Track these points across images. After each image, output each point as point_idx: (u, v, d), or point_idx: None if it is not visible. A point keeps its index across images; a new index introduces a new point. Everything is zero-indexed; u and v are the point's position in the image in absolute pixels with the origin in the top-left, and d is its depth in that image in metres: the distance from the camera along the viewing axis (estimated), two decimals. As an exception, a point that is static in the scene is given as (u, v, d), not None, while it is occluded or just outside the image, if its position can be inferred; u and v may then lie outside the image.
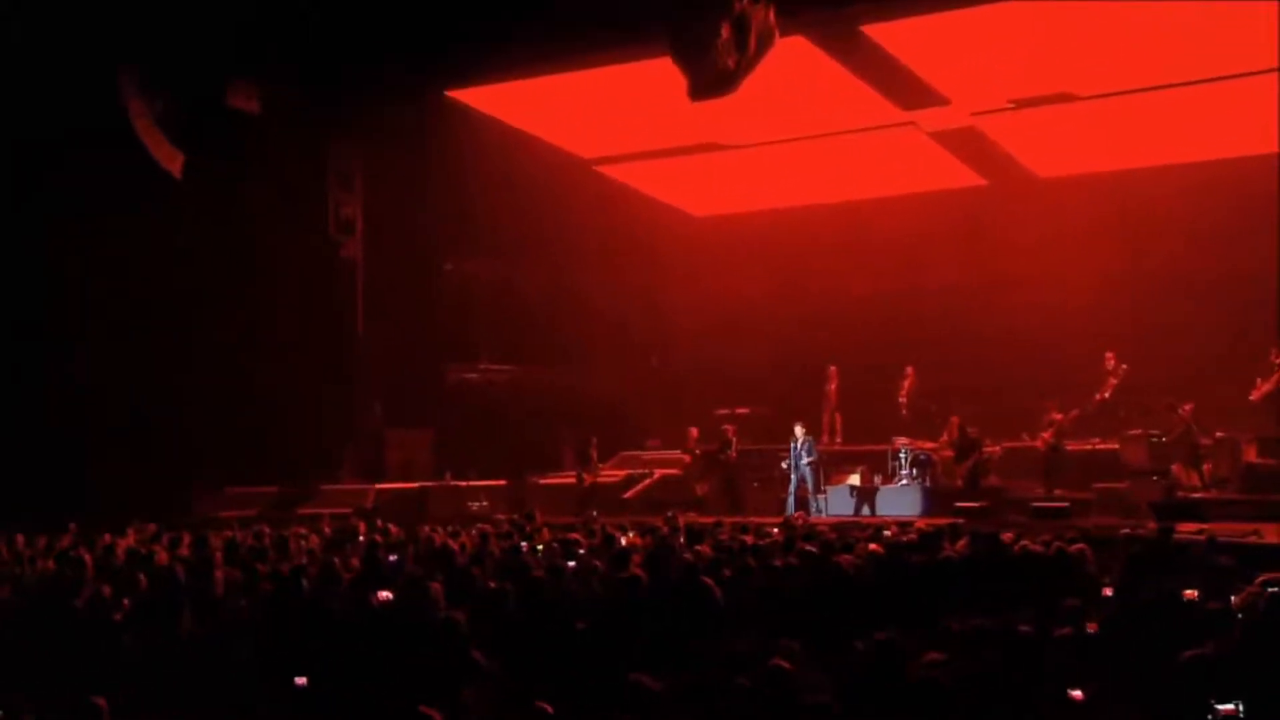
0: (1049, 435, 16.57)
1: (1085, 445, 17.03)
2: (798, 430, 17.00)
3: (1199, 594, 6.50)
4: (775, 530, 11.93)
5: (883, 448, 17.91)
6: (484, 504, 18.16)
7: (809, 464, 16.86)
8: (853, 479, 17.40)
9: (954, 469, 17.06)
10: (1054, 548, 8.97)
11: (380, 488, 18.83)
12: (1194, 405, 15.86)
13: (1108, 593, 6.95)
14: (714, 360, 22.59)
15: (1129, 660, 4.96)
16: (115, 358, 17.71)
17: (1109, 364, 17.34)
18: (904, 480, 17.08)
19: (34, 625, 7.27)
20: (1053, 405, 16.73)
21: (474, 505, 18.11)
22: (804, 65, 15.55)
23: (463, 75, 17.27)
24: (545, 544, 10.89)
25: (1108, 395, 17.24)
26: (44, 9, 14.39)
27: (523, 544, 10.76)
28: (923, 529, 10.89)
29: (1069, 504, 14.88)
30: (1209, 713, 4.16)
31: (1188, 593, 6.47)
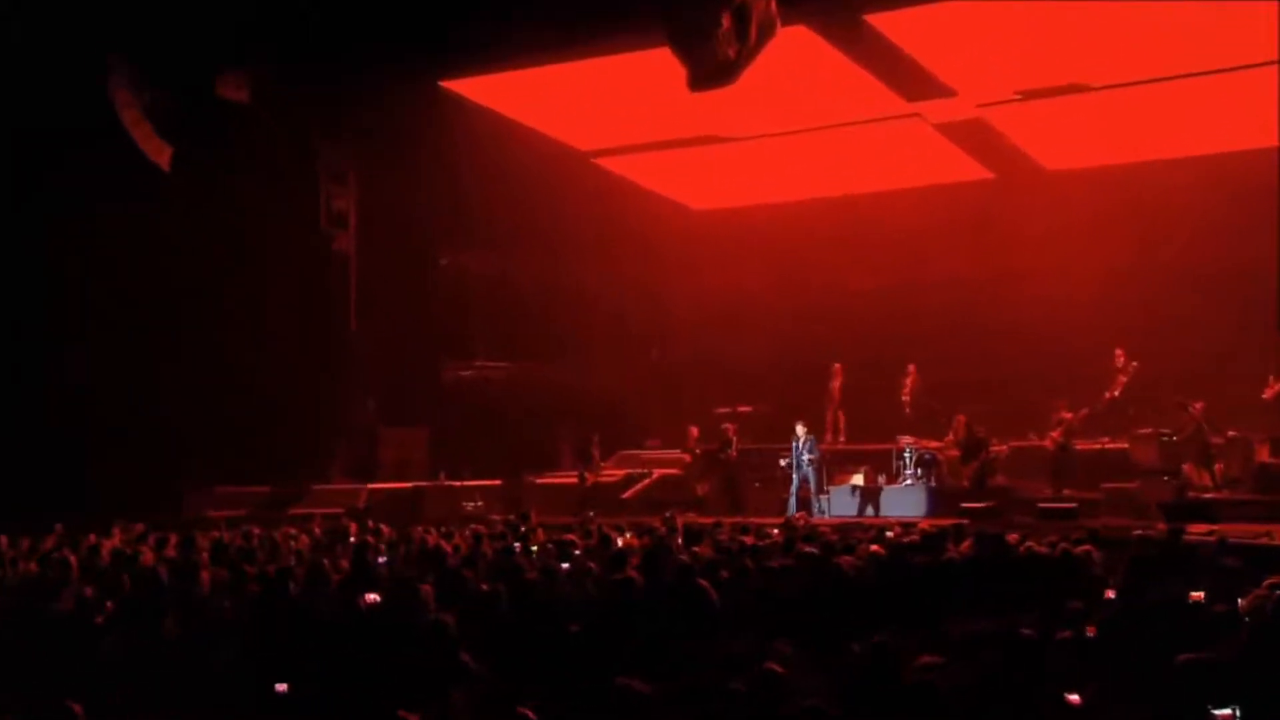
0: (1058, 434, 16.56)
1: (1094, 444, 17.02)
2: (799, 429, 16.98)
3: (1205, 596, 6.49)
4: (775, 531, 11.92)
5: (887, 447, 17.91)
6: (479, 504, 18.14)
7: (811, 463, 16.84)
8: (856, 479, 17.39)
9: (960, 469, 17.05)
10: (1060, 549, 8.97)
11: (373, 487, 18.83)
12: (1205, 404, 15.84)
13: (1110, 595, 6.93)
14: (714, 357, 22.58)
15: (1130, 663, 4.94)
16: (103, 356, 17.72)
17: (1119, 361, 17.31)
18: (909, 480, 17.07)
19: (13, 628, 7.26)
20: (1062, 404, 16.71)
21: (469, 505, 18.09)
22: (806, 55, 15.51)
23: (458, 65, 17.24)
24: (540, 545, 10.89)
25: (1118, 393, 17.22)
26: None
27: (515, 545, 10.75)
28: (926, 530, 10.88)
29: (1077, 504, 14.89)
30: (1205, 718, 4.15)
31: (1194, 595, 6.46)
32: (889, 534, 10.93)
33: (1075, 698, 4.65)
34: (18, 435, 16.70)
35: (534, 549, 10.64)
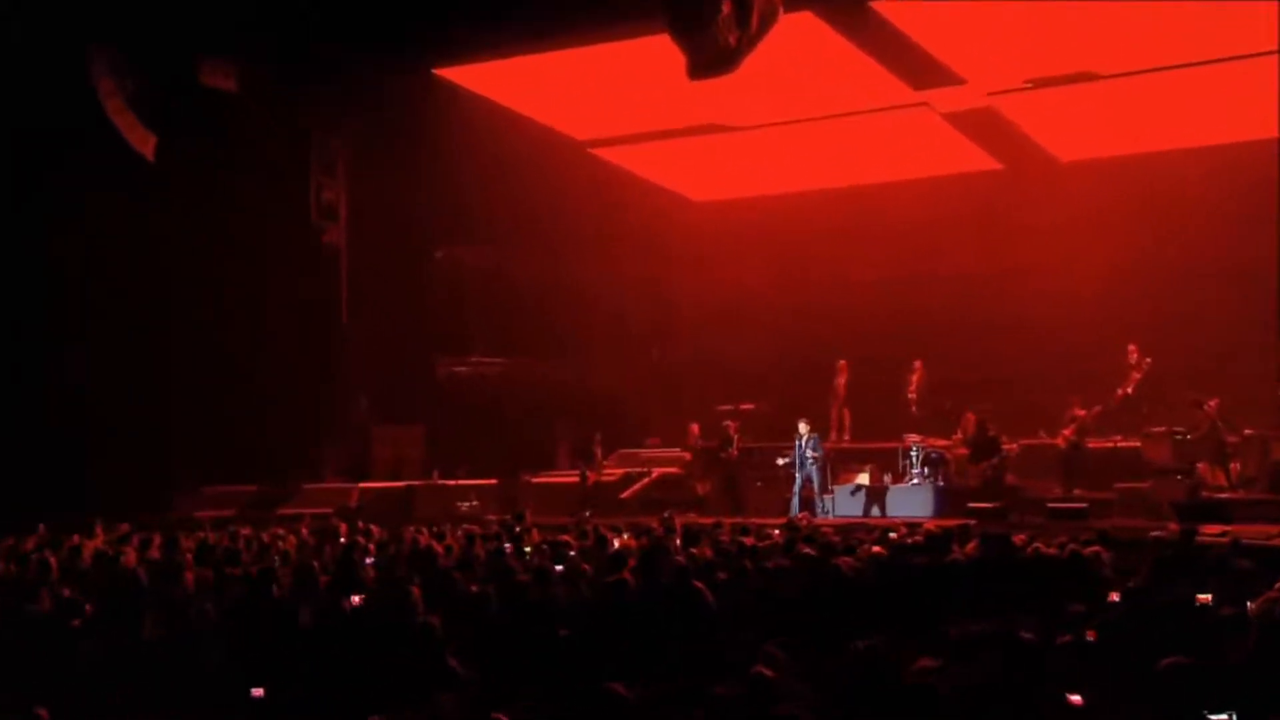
0: (1070, 432, 16.53)
1: (1106, 443, 17.00)
2: (801, 427, 16.96)
3: (1214, 599, 6.47)
4: (776, 532, 11.91)
5: (893, 445, 17.92)
6: (474, 504, 18.17)
7: (814, 462, 16.82)
8: (861, 478, 17.38)
9: (968, 468, 17.04)
10: (1068, 550, 8.95)
11: (365, 487, 18.86)
12: (1219, 401, 15.81)
13: (1114, 597, 6.91)
14: (716, 353, 22.57)
15: (1129, 667, 4.92)
16: (94, 355, 17.71)
17: (1131, 357, 17.30)
18: (915, 479, 17.06)
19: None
20: (1076, 400, 16.69)
21: (463, 505, 18.12)
22: (810, 42, 15.47)
23: (452, 52, 17.22)
24: (534, 546, 10.89)
25: (1130, 390, 17.21)
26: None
27: (506, 545, 10.75)
28: (930, 531, 10.87)
29: (1087, 504, 14.87)
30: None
31: (1201, 597, 6.45)
32: (892, 535, 10.92)
33: (1077, 698, 4.64)
34: (10, 435, 16.69)
35: (527, 550, 10.65)
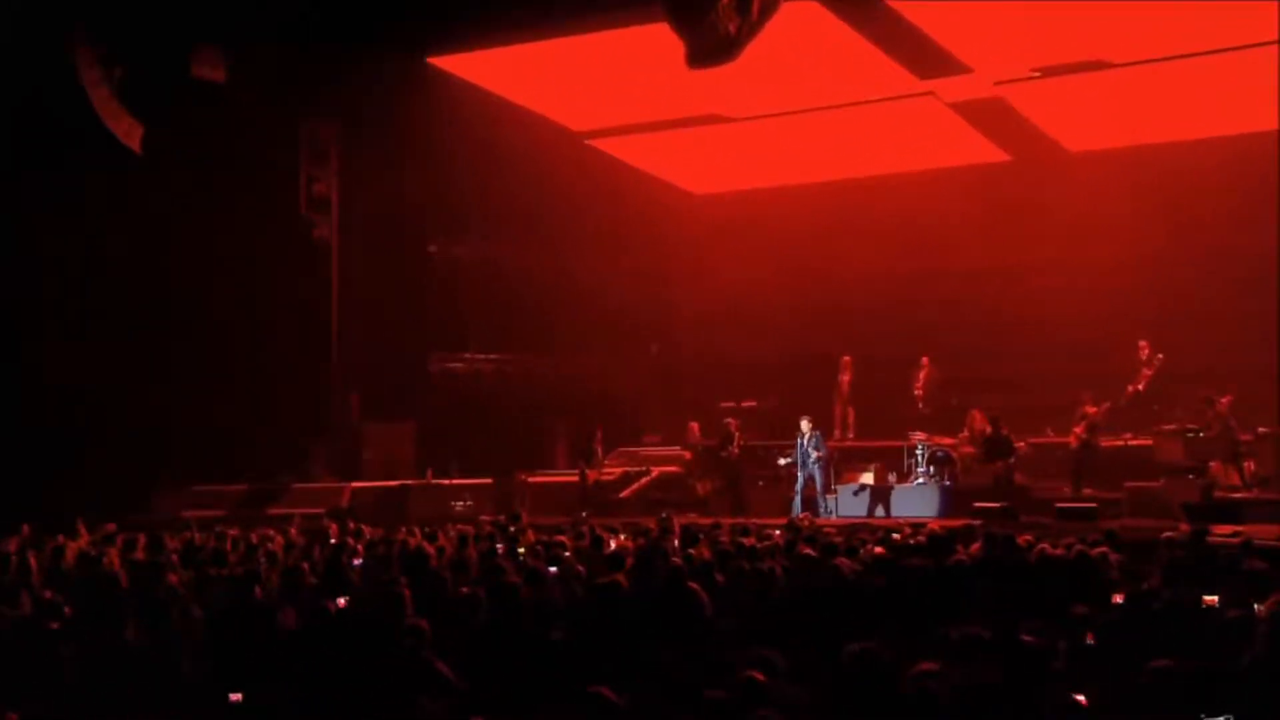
0: (1081, 430, 16.51)
1: (1117, 441, 17.02)
2: (804, 424, 16.96)
3: (1221, 601, 6.47)
4: (777, 533, 11.91)
5: (898, 444, 17.92)
6: (468, 503, 18.19)
7: (818, 461, 16.82)
8: (865, 477, 17.39)
9: (974, 466, 17.03)
10: (1075, 552, 8.95)
11: (357, 486, 18.83)
12: (1232, 398, 15.80)
13: (1118, 599, 6.92)
14: (717, 349, 22.59)
15: (1128, 671, 4.92)
16: (78, 353, 17.68)
17: (1143, 353, 17.31)
18: (921, 479, 17.07)
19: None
20: (1087, 397, 16.67)
21: (458, 505, 18.14)
22: (812, 30, 15.48)
23: (447, 40, 17.23)
24: (528, 546, 10.89)
25: (1142, 387, 17.23)
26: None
27: (498, 546, 10.76)
28: (934, 531, 10.87)
29: (1097, 504, 14.87)
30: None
31: (1208, 599, 6.45)
32: (895, 536, 10.92)
33: (1082, 698, 4.64)
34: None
35: (520, 551, 10.65)
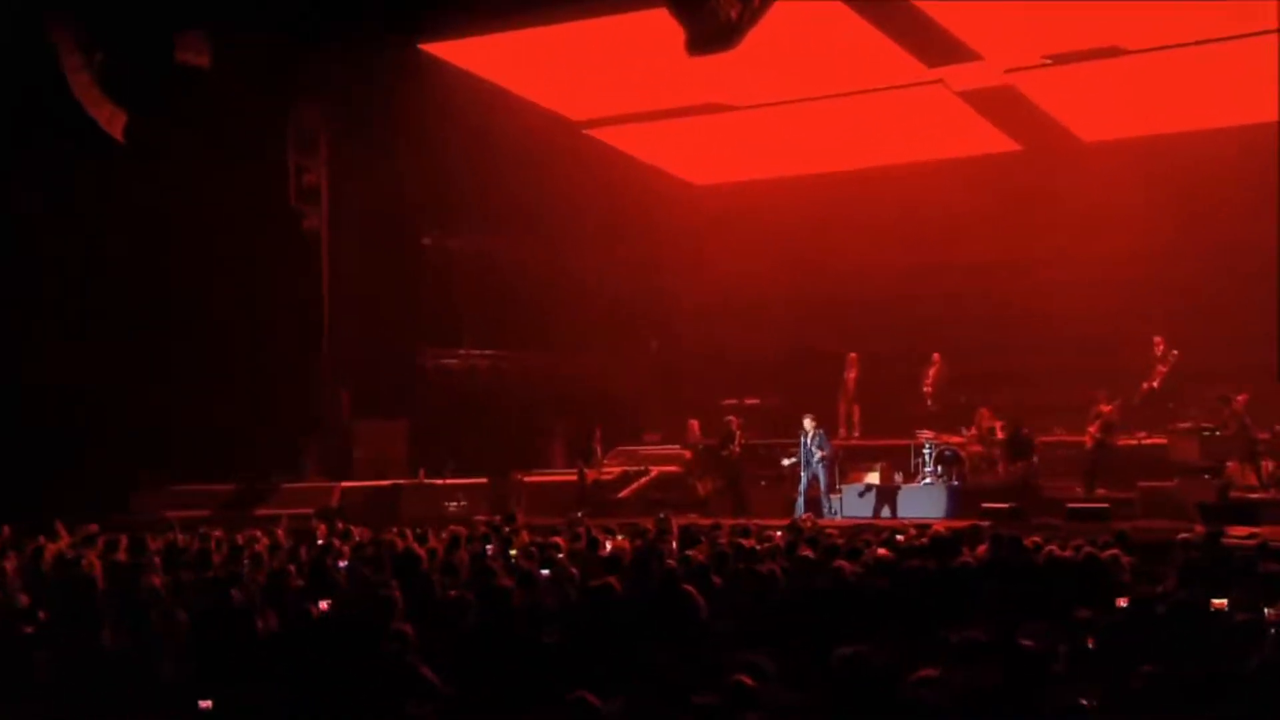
0: (1096, 430, 16.49)
1: (1131, 440, 17.01)
2: (807, 422, 16.94)
3: (1231, 604, 6.47)
4: (779, 534, 11.92)
5: (905, 442, 17.92)
6: (462, 504, 18.20)
7: (822, 460, 16.82)
8: (871, 477, 17.39)
9: (991, 467, 17.06)
10: (1084, 553, 8.95)
11: (347, 486, 18.84)
12: (1249, 396, 15.80)
13: (1121, 603, 6.92)
14: (718, 345, 22.58)
15: (1127, 675, 4.93)
16: (62, 351, 17.69)
17: (1158, 350, 17.30)
18: (928, 478, 17.07)
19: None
20: (1102, 395, 16.66)
21: (451, 505, 18.14)
22: (816, 16, 15.46)
23: (439, 26, 17.20)
24: (522, 548, 10.89)
25: (1156, 384, 17.22)
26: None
27: (488, 548, 10.77)
28: (938, 533, 10.87)
29: (1109, 505, 14.86)
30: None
31: (1216, 602, 6.45)
32: (900, 537, 10.92)
33: (1084, 701, 4.65)
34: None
35: (513, 553, 10.66)
